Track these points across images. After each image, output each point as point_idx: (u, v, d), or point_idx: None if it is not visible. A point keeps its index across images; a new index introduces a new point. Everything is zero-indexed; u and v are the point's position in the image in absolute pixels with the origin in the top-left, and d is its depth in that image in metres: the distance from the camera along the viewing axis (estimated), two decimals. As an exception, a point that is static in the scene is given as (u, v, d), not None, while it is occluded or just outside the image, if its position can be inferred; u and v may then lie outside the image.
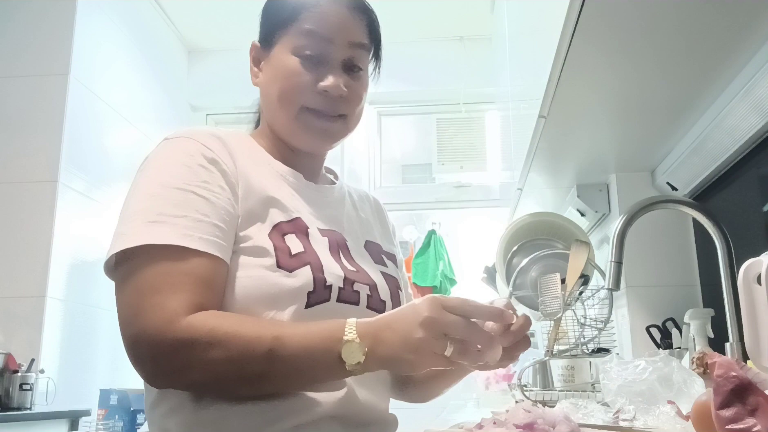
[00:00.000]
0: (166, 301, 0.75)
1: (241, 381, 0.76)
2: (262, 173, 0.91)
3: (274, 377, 0.76)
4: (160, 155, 0.87)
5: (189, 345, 0.74)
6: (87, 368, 2.85)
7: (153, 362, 0.76)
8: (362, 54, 0.95)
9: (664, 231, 1.90)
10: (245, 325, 0.76)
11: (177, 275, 0.77)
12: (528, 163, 1.91)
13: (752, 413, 0.53)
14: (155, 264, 0.77)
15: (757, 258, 0.84)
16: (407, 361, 0.73)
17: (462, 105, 3.71)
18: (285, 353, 0.74)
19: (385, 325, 0.75)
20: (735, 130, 1.45)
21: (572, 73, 1.33)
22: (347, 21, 0.93)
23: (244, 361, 0.74)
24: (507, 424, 0.62)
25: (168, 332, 0.74)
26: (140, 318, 0.75)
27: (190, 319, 0.75)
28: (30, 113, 2.81)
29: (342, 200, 1.03)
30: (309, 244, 0.88)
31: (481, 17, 3.48)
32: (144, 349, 0.75)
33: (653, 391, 0.88)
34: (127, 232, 0.80)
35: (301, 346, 0.75)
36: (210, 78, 3.90)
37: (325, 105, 0.92)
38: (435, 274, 3.54)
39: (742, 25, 1.17)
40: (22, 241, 2.67)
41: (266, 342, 0.74)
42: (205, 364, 0.74)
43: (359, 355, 0.73)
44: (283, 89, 0.92)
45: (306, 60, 0.91)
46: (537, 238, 2.12)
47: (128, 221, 0.81)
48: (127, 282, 0.78)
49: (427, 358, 0.73)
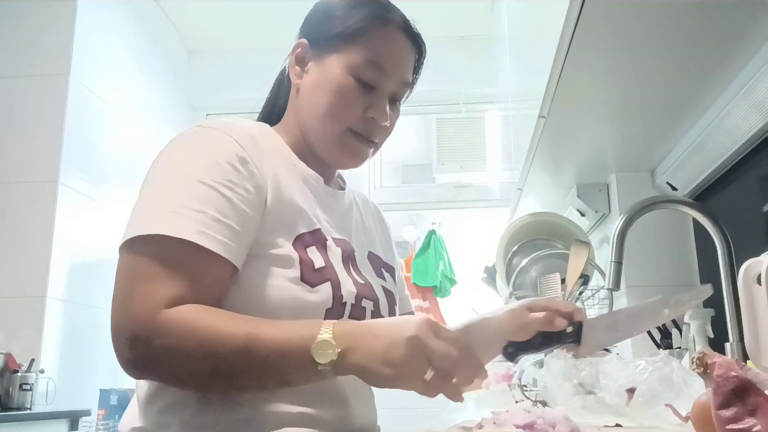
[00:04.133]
0: (155, 291, 0.75)
1: (213, 375, 0.75)
2: (289, 177, 0.91)
3: (248, 374, 0.75)
4: (192, 143, 0.86)
5: (165, 335, 0.73)
6: (87, 368, 2.85)
7: (130, 349, 0.75)
8: (406, 90, 0.99)
9: (664, 231, 1.90)
10: (223, 320, 0.75)
11: (178, 268, 0.77)
12: (528, 163, 1.91)
13: (752, 413, 0.53)
14: (162, 254, 0.77)
15: (757, 258, 0.84)
16: (382, 375, 0.71)
17: (462, 105, 3.71)
18: (258, 350, 0.73)
19: (367, 331, 0.74)
20: (735, 130, 1.45)
21: (572, 73, 1.33)
22: (405, 59, 0.96)
23: (217, 356, 0.73)
24: (507, 424, 0.62)
25: (147, 321, 0.73)
26: (127, 303, 0.75)
27: (171, 310, 0.74)
28: (30, 113, 2.80)
29: (351, 207, 1.04)
30: (328, 258, 0.88)
31: (481, 17, 3.49)
32: (125, 335, 0.74)
33: (653, 391, 0.88)
34: (144, 219, 0.79)
35: (274, 343, 0.73)
36: (210, 78, 3.90)
37: (366, 130, 0.94)
38: (435, 274, 3.54)
39: (742, 25, 1.17)
40: (22, 241, 2.67)
41: (241, 337, 0.73)
42: (179, 355, 0.73)
43: (331, 355, 0.71)
44: (333, 105, 0.92)
45: (361, 84, 0.92)
46: (537, 238, 2.13)
47: (147, 206, 0.81)
48: (128, 267, 0.78)
49: (404, 378, 0.71)
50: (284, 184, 0.88)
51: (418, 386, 0.71)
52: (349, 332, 0.73)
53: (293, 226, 0.86)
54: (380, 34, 0.93)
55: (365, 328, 0.75)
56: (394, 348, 0.71)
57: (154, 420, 0.83)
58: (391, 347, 0.71)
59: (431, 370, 0.70)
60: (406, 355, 0.70)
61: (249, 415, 0.80)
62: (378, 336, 0.73)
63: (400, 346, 0.71)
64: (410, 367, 0.70)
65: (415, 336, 0.71)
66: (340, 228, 0.96)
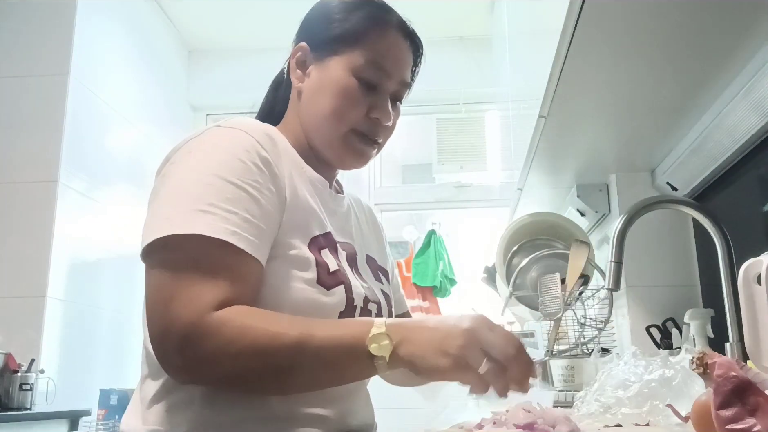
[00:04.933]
0: (202, 294, 0.74)
1: (266, 374, 0.75)
2: (302, 179, 0.91)
3: (301, 370, 0.75)
4: (214, 141, 0.85)
5: (217, 336, 0.72)
6: (87, 368, 2.85)
7: (180, 353, 0.73)
8: (405, 90, 1.01)
9: (664, 231, 1.90)
10: (274, 319, 0.76)
11: (219, 270, 0.76)
12: (528, 163, 1.91)
13: (752, 413, 0.53)
14: (200, 255, 0.76)
15: (757, 258, 0.84)
16: (438, 365, 0.71)
17: (462, 105, 3.71)
18: (313, 345, 0.73)
19: (420, 325, 0.75)
20: (735, 130, 1.45)
21: (572, 73, 1.33)
22: (405, 59, 0.98)
23: (271, 353, 0.73)
24: (507, 424, 0.62)
25: (198, 324, 0.72)
26: (173, 307, 0.73)
27: (220, 312, 0.74)
28: (30, 113, 2.80)
29: (349, 211, 1.05)
30: (339, 261, 0.89)
31: (481, 17, 3.49)
32: (173, 340, 0.73)
33: (653, 391, 0.88)
34: (174, 217, 0.77)
35: (328, 339, 0.74)
36: (210, 78, 3.90)
37: (370, 130, 0.96)
38: (435, 274, 3.54)
39: (742, 25, 1.17)
40: (22, 241, 2.67)
41: (294, 334, 0.73)
42: (232, 355, 0.73)
43: (386, 347, 0.72)
44: (338, 107, 0.93)
45: (363, 85, 0.93)
46: (537, 238, 2.13)
47: (175, 204, 0.78)
48: (165, 268, 0.76)
49: (459, 369, 0.71)
50: (299, 186, 0.89)
51: (473, 379, 0.71)
52: (402, 325, 0.74)
53: (308, 228, 0.87)
54: (380, 35, 0.94)
55: (417, 322, 0.76)
56: (451, 338, 0.71)
57: (162, 419, 0.82)
58: (448, 337, 0.71)
59: (487, 363, 0.70)
60: (463, 345, 0.70)
61: (251, 415, 0.80)
62: (432, 328, 0.73)
63: (457, 336, 0.71)
64: (466, 359, 0.70)
65: (471, 328, 0.71)
66: (343, 232, 0.97)
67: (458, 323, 0.72)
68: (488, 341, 0.71)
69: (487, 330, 0.72)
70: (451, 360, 0.71)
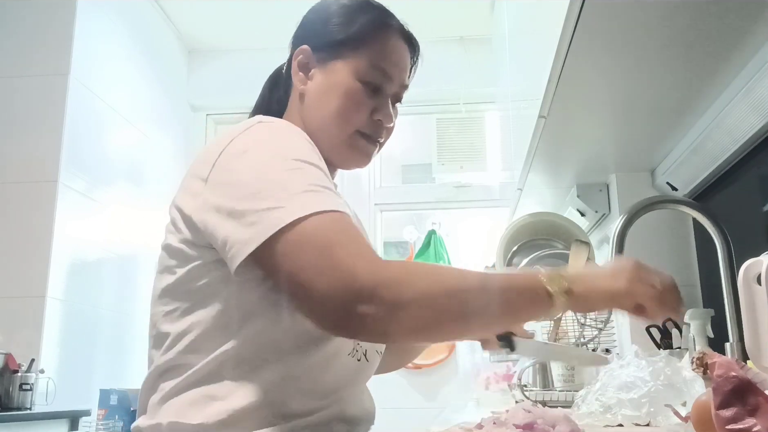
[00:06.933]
0: (363, 249, 0.73)
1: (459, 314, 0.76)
2: None
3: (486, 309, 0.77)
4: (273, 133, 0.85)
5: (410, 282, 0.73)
6: (87, 368, 2.85)
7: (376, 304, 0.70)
8: (404, 91, 1.03)
9: (664, 231, 1.90)
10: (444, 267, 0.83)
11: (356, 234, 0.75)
12: (528, 163, 1.91)
13: (752, 413, 0.53)
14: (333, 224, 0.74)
15: (757, 258, 0.84)
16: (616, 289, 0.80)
17: (462, 105, 3.71)
18: (495, 285, 0.78)
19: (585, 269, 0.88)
20: (735, 130, 1.45)
21: (572, 73, 1.33)
22: (405, 62, 1.01)
23: (462, 292, 0.75)
24: (507, 424, 0.62)
25: (383, 269, 0.72)
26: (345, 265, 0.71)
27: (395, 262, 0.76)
28: (30, 113, 2.81)
29: None
30: None
31: (481, 17, 3.48)
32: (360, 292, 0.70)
33: (653, 391, 0.88)
34: (284, 205, 0.74)
35: (508, 280, 0.80)
36: (210, 78, 3.90)
37: (373, 131, 0.99)
38: (435, 274, 3.53)
39: (742, 25, 1.17)
40: (22, 241, 2.67)
41: (476, 275, 0.78)
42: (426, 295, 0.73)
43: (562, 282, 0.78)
44: (343, 109, 0.95)
45: (367, 88, 0.96)
46: (537, 238, 2.12)
47: (272, 196, 0.75)
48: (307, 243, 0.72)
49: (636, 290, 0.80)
50: None
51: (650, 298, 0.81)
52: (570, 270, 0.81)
53: None
54: (383, 39, 0.98)
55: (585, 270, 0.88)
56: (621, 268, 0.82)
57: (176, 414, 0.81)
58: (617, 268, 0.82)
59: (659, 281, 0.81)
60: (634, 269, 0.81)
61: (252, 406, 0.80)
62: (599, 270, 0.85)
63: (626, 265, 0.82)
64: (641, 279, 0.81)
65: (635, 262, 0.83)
66: None
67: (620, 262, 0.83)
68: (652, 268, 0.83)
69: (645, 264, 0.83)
70: (628, 283, 0.80)
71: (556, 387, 1.60)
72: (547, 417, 0.63)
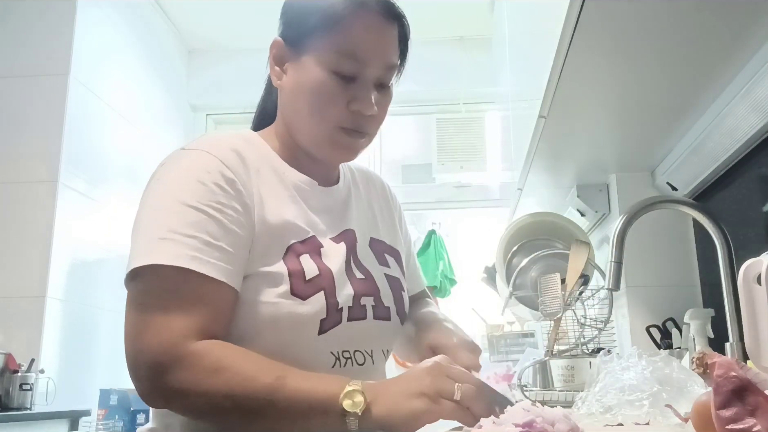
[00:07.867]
0: (171, 322, 0.75)
1: (236, 415, 0.75)
2: (277, 190, 0.89)
3: (269, 418, 0.74)
4: (176, 167, 0.85)
5: (190, 369, 0.73)
6: (87, 368, 2.85)
7: (150, 381, 0.75)
8: (393, 72, 0.94)
9: (664, 231, 1.90)
10: (250, 361, 0.76)
11: (183, 297, 0.77)
12: (528, 163, 1.91)
13: (752, 413, 0.53)
14: (162, 284, 0.77)
15: (757, 258, 0.83)
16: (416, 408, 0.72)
17: (462, 105, 3.71)
18: (284, 395, 0.73)
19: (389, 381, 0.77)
20: (735, 130, 1.45)
21: (572, 73, 1.33)
22: (385, 42, 0.91)
23: (243, 396, 0.73)
24: (507, 423, 0.62)
25: (170, 353, 0.74)
26: (143, 336, 0.75)
27: (196, 345, 0.75)
28: (30, 113, 2.81)
29: (348, 196, 1.01)
30: (323, 264, 0.87)
31: (481, 18, 3.48)
32: (143, 367, 0.75)
33: (653, 391, 0.88)
34: (138, 250, 0.79)
35: (302, 391, 0.74)
36: (210, 78, 3.90)
37: (355, 124, 0.90)
38: (435, 274, 3.53)
39: (742, 25, 1.17)
40: (22, 241, 2.67)
41: (267, 381, 0.74)
42: (203, 391, 0.74)
43: (360, 403, 0.72)
44: (315, 105, 0.89)
45: (339, 77, 0.88)
46: (537, 238, 2.12)
47: (139, 236, 0.81)
48: (135, 299, 0.78)
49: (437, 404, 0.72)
50: (272, 201, 0.87)
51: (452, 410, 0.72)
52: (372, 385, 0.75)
53: (283, 241, 0.85)
54: (352, 22, 0.88)
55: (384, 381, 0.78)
56: (419, 379, 0.74)
57: (161, 421, 0.85)
58: (416, 380, 0.74)
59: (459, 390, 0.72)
60: (432, 381, 0.73)
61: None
62: (399, 381, 0.76)
63: (424, 376, 0.74)
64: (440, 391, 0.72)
65: (434, 364, 0.75)
66: (338, 224, 0.95)
67: (419, 367, 0.75)
68: (453, 372, 0.75)
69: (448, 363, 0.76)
70: (427, 399, 0.72)
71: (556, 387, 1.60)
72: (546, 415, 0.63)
